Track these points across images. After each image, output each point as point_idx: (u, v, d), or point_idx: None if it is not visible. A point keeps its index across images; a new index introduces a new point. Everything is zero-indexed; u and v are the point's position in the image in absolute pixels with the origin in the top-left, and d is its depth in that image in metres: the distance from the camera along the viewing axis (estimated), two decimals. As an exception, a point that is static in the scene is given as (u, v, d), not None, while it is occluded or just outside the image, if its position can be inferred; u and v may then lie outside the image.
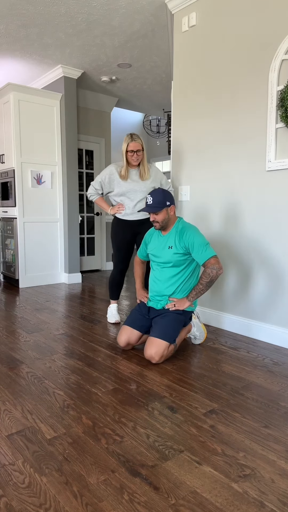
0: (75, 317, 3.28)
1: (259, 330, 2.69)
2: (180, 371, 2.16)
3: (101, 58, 4.26)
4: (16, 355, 2.40)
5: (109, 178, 2.92)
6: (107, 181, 2.93)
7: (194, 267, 2.46)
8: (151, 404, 1.78)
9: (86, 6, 3.23)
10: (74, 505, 1.17)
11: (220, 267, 2.28)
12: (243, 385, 1.99)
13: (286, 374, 2.13)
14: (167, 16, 3.34)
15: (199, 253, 2.31)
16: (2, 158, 4.71)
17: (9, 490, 1.24)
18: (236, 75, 2.71)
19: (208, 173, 2.98)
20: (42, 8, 3.26)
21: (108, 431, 1.57)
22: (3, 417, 1.68)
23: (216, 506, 1.17)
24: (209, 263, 2.28)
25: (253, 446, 1.47)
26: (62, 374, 2.12)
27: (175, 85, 3.19)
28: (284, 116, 2.37)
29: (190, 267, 2.44)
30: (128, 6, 3.22)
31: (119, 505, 1.17)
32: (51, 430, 1.57)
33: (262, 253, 2.64)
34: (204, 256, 2.30)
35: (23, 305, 3.69)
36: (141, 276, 2.75)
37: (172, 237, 2.41)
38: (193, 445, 1.47)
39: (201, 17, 2.93)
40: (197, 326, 2.57)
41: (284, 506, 1.17)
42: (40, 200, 4.66)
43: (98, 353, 2.43)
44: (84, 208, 5.68)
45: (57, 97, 4.65)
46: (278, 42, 2.45)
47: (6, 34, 3.70)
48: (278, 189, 2.52)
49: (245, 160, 2.70)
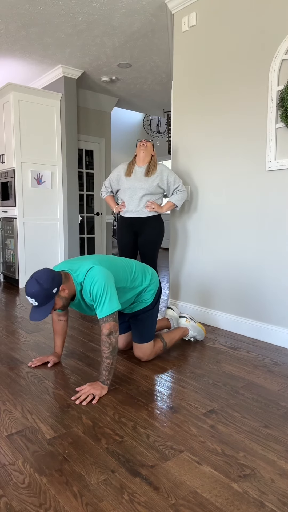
0: (75, 317, 3.28)
1: (259, 330, 2.69)
2: (180, 371, 2.16)
3: (101, 58, 4.26)
4: (16, 355, 2.40)
5: (117, 175, 2.99)
6: (115, 179, 3.01)
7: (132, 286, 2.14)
8: (151, 404, 1.78)
9: (86, 6, 3.23)
10: (74, 505, 1.17)
11: (116, 329, 1.87)
12: (243, 385, 1.99)
13: (286, 374, 2.13)
14: (167, 16, 3.34)
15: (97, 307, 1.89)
16: (2, 158, 4.71)
17: (9, 490, 1.24)
18: (236, 75, 2.71)
19: (208, 173, 2.97)
20: (42, 8, 3.26)
21: (108, 431, 1.57)
22: (3, 417, 1.68)
23: (216, 506, 1.17)
24: (104, 327, 1.86)
25: (253, 446, 1.47)
26: (62, 374, 2.12)
27: (175, 85, 3.19)
28: (284, 116, 2.37)
29: (129, 292, 2.13)
30: (128, 6, 3.22)
31: (119, 505, 1.17)
32: (51, 430, 1.57)
33: (262, 253, 2.64)
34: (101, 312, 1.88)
35: (23, 305, 3.69)
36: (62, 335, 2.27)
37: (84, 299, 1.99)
38: (193, 445, 1.47)
39: (201, 17, 2.93)
40: (193, 328, 2.57)
41: (284, 506, 1.17)
42: (40, 200, 4.66)
43: (98, 353, 2.43)
44: (84, 208, 5.68)
45: (57, 97, 4.65)
46: (278, 42, 2.45)
47: (6, 34, 3.70)
48: (278, 189, 2.52)
49: (245, 160, 2.70)
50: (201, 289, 3.11)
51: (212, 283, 3.01)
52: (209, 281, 3.04)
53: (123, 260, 2.16)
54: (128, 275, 2.10)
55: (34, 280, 1.78)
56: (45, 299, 1.78)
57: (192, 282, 3.18)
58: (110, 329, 1.85)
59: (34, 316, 1.80)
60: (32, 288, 1.77)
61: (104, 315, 1.85)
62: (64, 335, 2.25)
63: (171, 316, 2.71)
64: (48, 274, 1.79)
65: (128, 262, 2.18)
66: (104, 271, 1.90)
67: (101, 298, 1.85)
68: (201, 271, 3.09)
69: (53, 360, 2.23)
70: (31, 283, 1.78)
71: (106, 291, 1.85)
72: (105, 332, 1.85)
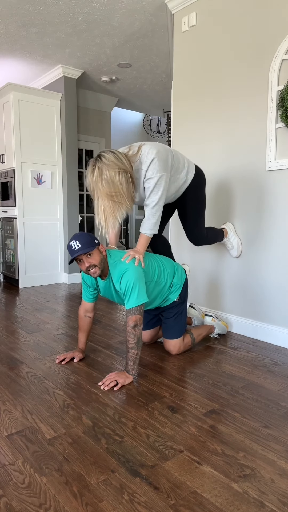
0: (75, 317, 3.28)
1: (259, 330, 2.69)
2: (180, 371, 2.16)
3: (101, 58, 4.26)
4: (16, 355, 2.40)
5: None
6: None
7: (156, 279, 2.22)
8: (151, 404, 1.78)
9: (86, 6, 3.23)
10: (74, 505, 1.17)
11: (141, 322, 1.99)
12: (243, 385, 1.99)
13: (286, 374, 2.13)
14: (167, 16, 3.34)
15: (126, 297, 2.01)
16: (2, 158, 4.71)
17: (9, 490, 1.24)
18: (236, 75, 2.71)
19: (207, 173, 2.97)
20: (42, 8, 3.26)
21: (108, 431, 1.57)
22: (3, 417, 1.68)
23: (216, 506, 1.17)
24: (130, 319, 1.97)
25: (253, 446, 1.47)
26: (62, 374, 2.12)
27: (175, 85, 3.19)
28: (284, 116, 2.37)
29: (154, 285, 2.20)
30: (128, 6, 3.22)
31: (119, 505, 1.17)
32: (51, 430, 1.57)
33: (262, 254, 2.64)
34: (129, 303, 1.99)
35: (23, 305, 3.69)
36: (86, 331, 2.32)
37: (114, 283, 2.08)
38: (193, 445, 1.47)
39: (201, 17, 2.93)
40: (218, 326, 2.71)
41: (284, 506, 1.17)
42: (40, 200, 4.66)
43: (98, 353, 2.43)
44: (84, 208, 5.68)
45: (57, 97, 4.64)
46: (278, 42, 2.45)
47: (6, 34, 3.70)
48: (278, 189, 2.52)
49: (245, 160, 2.70)
50: (201, 289, 3.11)
51: (212, 283, 3.01)
52: (209, 281, 3.04)
53: (150, 255, 2.26)
54: (155, 270, 2.20)
55: (79, 232, 2.02)
56: (87, 244, 1.93)
57: (192, 282, 3.18)
58: (136, 322, 1.96)
59: (75, 251, 1.91)
60: (78, 234, 1.97)
61: (131, 307, 1.97)
62: (88, 331, 2.32)
63: (193, 314, 2.77)
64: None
65: (155, 258, 2.27)
66: (138, 266, 2.03)
67: (132, 289, 1.97)
68: (201, 271, 3.09)
69: (78, 356, 2.29)
70: (76, 234, 1.98)
71: (135, 283, 1.97)
72: (130, 324, 1.96)
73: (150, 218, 2.16)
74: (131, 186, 2.01)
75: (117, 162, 1.95)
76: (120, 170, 1.95)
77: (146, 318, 2.51)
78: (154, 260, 2.24)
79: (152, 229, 2.18)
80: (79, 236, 1.96)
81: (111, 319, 3.22)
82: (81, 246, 1.92)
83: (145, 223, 2.17)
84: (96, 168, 1.97)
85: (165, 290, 2.28)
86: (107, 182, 1.95)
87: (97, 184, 1.97)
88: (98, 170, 1.96)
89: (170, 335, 2.36)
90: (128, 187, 1.99)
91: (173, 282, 2.30)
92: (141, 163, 2.08)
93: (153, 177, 2.06)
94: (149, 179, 2.08)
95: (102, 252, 2.02)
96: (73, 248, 1.93)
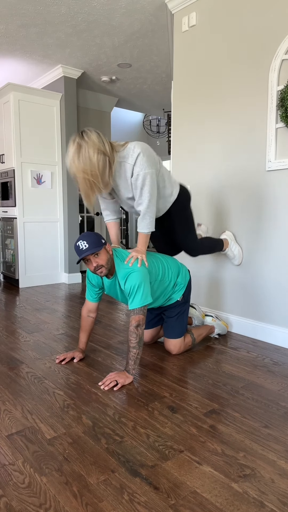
0: (75, 317, 3.28)
1: (259, 330, 2.69)
2: (180, 371, 2.16)
3: (101, 58, 4.26)
4: (16, 355, 2.40)
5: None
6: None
7: (160, 278, 2.23)
8: (151, 404, 1.78)
9: (86, 6, 3.23)
10: (74, 505, 1.17)
11: (144, 322, 2.01)
12: (243, 385, 1.99)
13: (286, 374, 2.13)
14: (167, 16, 3.34)
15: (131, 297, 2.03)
16: (2, 158, 4.71)
17: (9, 490, 1.24)
18: (236, 75, 2.71)
19: (208, 173, 2.97)
20: (42, 8, 3.26)
21: (108, 431, 1.57)
22: (3, 417, 1.68)
23: (216, 506, 1.17)
24: (133, 318, 2.00)
25: (253, 446, 1.47)
26: (62, 374, 2.12)
27: (175, 85, 3.19)
28: (284, 116, 2.37)
29: (158, 284, 2.21)
30: (128, 6, 3.22)
31: (119, 505, 1.17)
32: (51, 430, 1.57)
33: (262, 254, 2.64)
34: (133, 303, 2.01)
35: (23, 305, 3.69)
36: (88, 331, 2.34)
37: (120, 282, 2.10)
38: (193, 445, 1.47)
39: (201, 17, 2.93)
40: (218, 326, 2.72)
41: (284, 506, 1.17)
42: (40, 200, 4.66)
43: (98, 353, 2.43)
44: (84, 208, 5.68)
45: (57, 97, 4.64)
46: (278, 42, 2.45)
47: (6, 34, 3.70)
48: (278, 189, 2.52)
49: (245, 160, 2.70)
50: (200, 289, 3.11)
51: (212, 283, 3.01)
52: (209, 281, 3.04)
53: (155, 255, 2.27)
54: (159, 269, 2.21)
55: (86, 232, 2.05)
56: (95, 244, 1.95)
57: (192, 282, 3.18)
58: (139, 322, 1.99)
59: (83, 251, 1.93)
60: (85, 234, 1.99)
61: (135, 307, 1.99)
62: (90, 332, 2.33)
63: (194, 314, 2.78)
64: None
65: (160, 257, 2.29)
66: (142, 267, 2.05)
67: (136, 290, 1.99)
68: (201, 271, 3.09)
69: (79, 356, 2.30)
70: (83, 234, 2.00)
71: (140, 285, 1.99)
72: (133, 324, 1.98)
73: (145, 217, 2.15)
74: (107, 171, 1.99)
75: (97, 143, 1.94)
76: (99, 152, 1.93)
77: (148, 317, 2.52)
78: (158, 259, 2.26)
79: (149, 227, 2.17)
80: (87, 236, 1.98)
81: (111, 319, 3.22)
82: (89, 246, 1.94)
83: (141, 222, 2.16)
84: (75, 143, 1.96)
85: (169, 289, 2.29)
86: (84, 158, 1.94)
87: (73, 159, 1.96)
88: (78, 146, 1.95)
89: (172, 334, 2.37)
90: (104, 170, 1.97)
91: (177, 282, 2.32)
92: (126, 157, 2.06)
93: (141, 173, 2.05)
94: (137, 175, 2.06)
95: (109, 251, 2.05)
96: (80, 248, 1.96)
